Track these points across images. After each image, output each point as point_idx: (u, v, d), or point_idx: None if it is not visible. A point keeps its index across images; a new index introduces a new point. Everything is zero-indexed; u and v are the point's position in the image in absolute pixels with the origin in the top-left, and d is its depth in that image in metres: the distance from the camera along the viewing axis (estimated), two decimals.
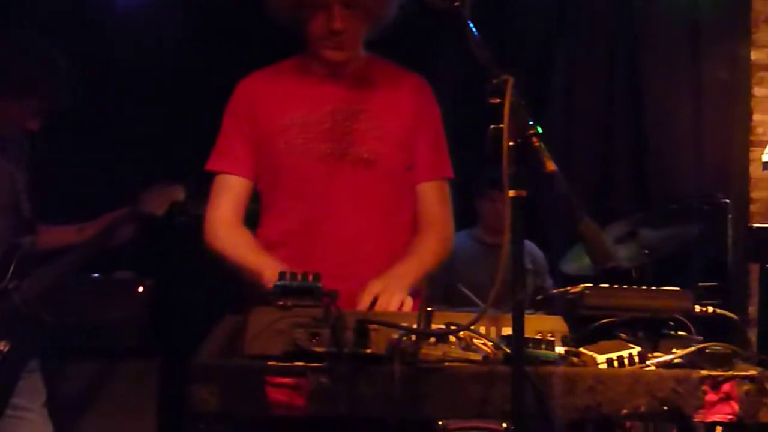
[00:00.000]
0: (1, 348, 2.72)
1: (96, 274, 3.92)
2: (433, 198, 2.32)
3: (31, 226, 3.01)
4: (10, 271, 2.88)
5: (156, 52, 4.36)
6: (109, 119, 4.28)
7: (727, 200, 4.71)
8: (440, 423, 2.78)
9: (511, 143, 1.44)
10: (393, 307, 1.99)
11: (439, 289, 3.92)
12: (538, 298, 2.02)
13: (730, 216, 4.66)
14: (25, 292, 2.90)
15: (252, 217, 2.34)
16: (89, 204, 3.35)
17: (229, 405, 1.50)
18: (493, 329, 1.67)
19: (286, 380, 1.48)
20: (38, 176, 3.04)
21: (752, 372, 1.56)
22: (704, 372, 1.55)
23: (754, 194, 5.22)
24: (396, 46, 2.37)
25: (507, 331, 1.61)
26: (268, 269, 2.03)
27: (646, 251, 3.75)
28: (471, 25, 1.65)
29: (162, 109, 4.30)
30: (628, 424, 3.01)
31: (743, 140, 5.21)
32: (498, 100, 1.48)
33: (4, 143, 2.96)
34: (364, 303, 1.99)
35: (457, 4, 1.69)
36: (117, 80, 4.32)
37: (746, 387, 1.54)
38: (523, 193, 1.44)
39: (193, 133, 2.39)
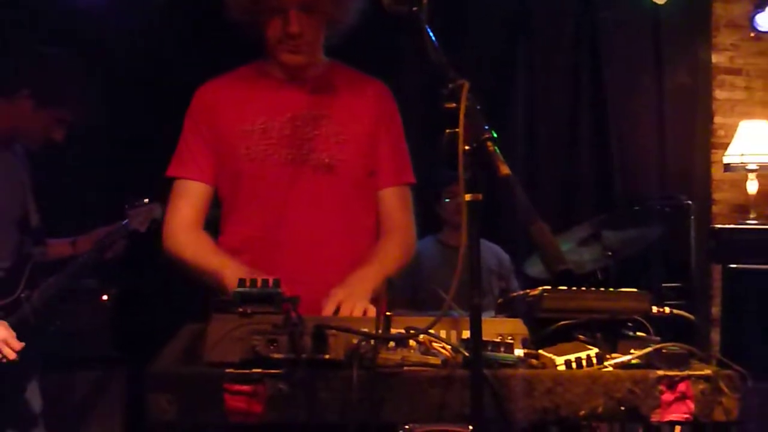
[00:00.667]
0: (17, 349, 2.72)
1: None
2: (395, 203, 2.33)
3: (41, 237, 3.07)
4: (23, 281, 2.95)
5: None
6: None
7: (690, 202, 4.78)
8: (407, 427, 2.77)
9: (466, 147, 1.44)
10: (356, 314, 1.98)
11: (406, 293, 3.93)
12: (499, 301, 2.04)
13: (692, 217, 4.73)
14: (34, 302, 2.96)
15: (214, 224, 2.33)
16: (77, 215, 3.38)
17: (188, 413, 1.49)
18: (453, 333, 1.68)
19: (244, 387, 1.47)
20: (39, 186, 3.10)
21: (707, 371, 1.58)
22: (660, 372, 1.57)
23: (716, 196, 5.30)
24: (360, 52, 2.37)
25: (467, 334, 1.62)
26: (227, 268, 2.04)
27: (610, 253, 3.79)
28: (428, 29, 1.65)
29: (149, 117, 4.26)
30: (594, 424, 3.03)
31: (705, 143, 5.30)
32: (453, 105, 1.48)
33: (15, 154, 3.01)
34: (327, 311, 1.98)
35: (415, 8, 1.69)
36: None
37: (701, 386, 1.56)
38: (479, 196, 1.44)
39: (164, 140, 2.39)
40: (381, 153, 2.31)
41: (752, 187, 4.87)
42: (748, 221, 4.74)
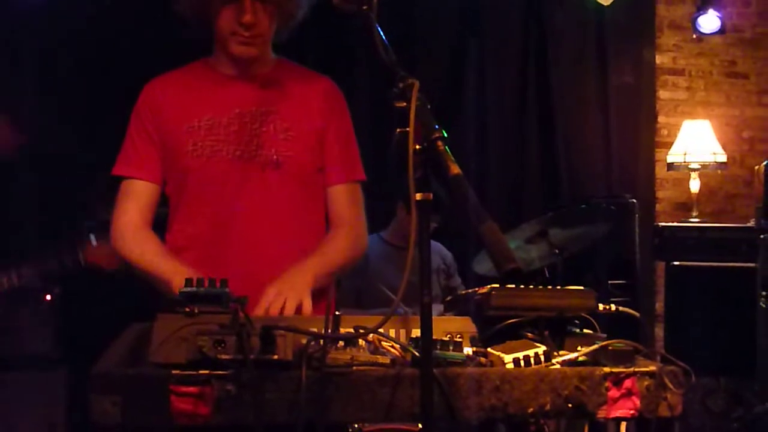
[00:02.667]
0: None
1: None
2: (344, 200, 2.31)
3: None
4: None
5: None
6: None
7: (634, 200, 4.87)
8: (356, 426, 2.77)
9: (416, 147, 1.44)
10: (288, 311, 1.96)
11: (352, 292, 3.92)
12: (447, 299, 2.04)
13: (636, 215, 4.81)
14: None
15: (163, 222, 2.30)
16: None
17: (133, 415, 1.46)
18: (402, 332, 1.68)
19: (191, 389, 1.45)
20: None
21: (652, 368, 1.61)
22: (606, 369, 1.59)
23: (660, 194, 5.41)
24: (308, 51, 2.36)
25: (416, 333, 1.62)
26: (177, 275, 1.98)
27: (557, 250, 3.83)
28: (378, 28, 1.65)
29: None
30: (541, 421, 3.07)
31: (649, 142, 5.40)
32: (404, 104, 1.47)
33: None
34: (260, 310, 1.95)
35: (365, 7, 1.69)
36: None
37: (646, 382, 1.59)
38: (429, 196, 1.44)
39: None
40: (330, 150, 2.29)
41: (695, 185, 4.97)
42: (691, 219, 4.84)
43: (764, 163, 3.92)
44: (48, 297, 3.84)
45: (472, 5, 4.99)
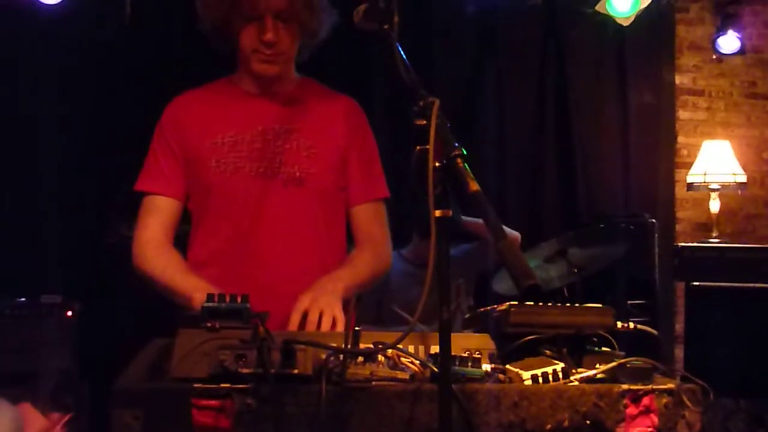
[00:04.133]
0: None
1: (23, 299, 3.83)
2: (368, 218, 2.32)
3: None
4: None
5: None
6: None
7: (654, 220, 4.85)
8: None
9: (436, 164, 1.45)
10: (325, 325, 1.97)
11: (372, 309, 3.93)
12: (467, 316, 2.05)
13: (656, 235, 4.80)
14: None
15: (184, 240, 2.32)
16: None
17: (154, 429, 1.47)
18: (421, 348, 1.69)
19: (212, 402, 1.46)
20: None
21: (670, 385, 1.60)
22: (625, 386, 1.59)
23: (680, 214, 5.39)
24: (332, 70, 2.38)
25: (435, 349, 1.63)
26: (197, 291, 1.99)
27: (576, 270, 3.83)
28: (399, 47, 1.67)
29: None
30: None
31: (669, 162, 5.39)
32: (424, 122, 1.49)
33: None
34: (293, 322, 1.97)
35: (386, 26, 1.71)
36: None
37: (665, 400, 1.58)
38: (449, 213, 1.45)
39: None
40: (353, 169, 2.31)
41: (714, 206, 4.96)
42: (711, 239, 4.82)
43: None
44: (69, 313, 3.87)
45: (490, 24, 5.02)
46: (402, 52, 1.65)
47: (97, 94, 4.33)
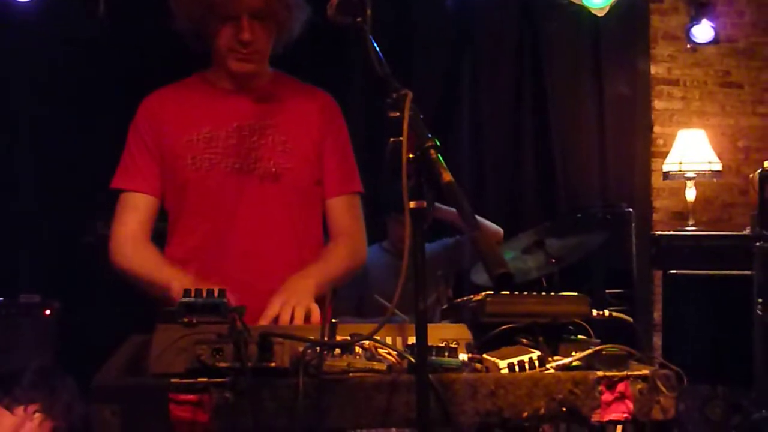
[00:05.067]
0: None
1: (1, 298, 3.81)
2: (343, 212, 2.33)
3: None
4: None
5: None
6: None
7: (630, 209, 4.89)
8: None
9: (410, 156, 1.46)
10: (298, 319, 1.97)
11: (352, 301, 3.93)
12: (444, 307, 2.06)
13: (633, 224, 4.83)
14: None
15: (161, 237, 2.31)
16: None
17: (132, 425, 1.47)
18: (399, 339, 1.70)
19: (190, 397, 1.46)
20: None
21: (645, 371, 1.62)
22: (600, 373, 1.61)
23: (656, 203, 5.43)
24: (306, 64, 2.38)
25: (412, 340, 1.64)
26: (175, 281, 2.00)
27: (553, 260, 3.85)
28: (372, 40, 1.67)
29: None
30: (538, 426, 3.08)
31: (645, 151, 5.43)
32: (397, 114, 1.50)
33: None
34: (266, 320, 1.97)
35: (359, 19, 1.72)
36: None
37: (639, 386, 1.60)
38: (423, 204, 1.46)
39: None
40: (328, 162, 2.32)
41: (690, 194, 5.00)
42: (687, 228, 4.87)
43: (759, 171, 3.94)
44: (48, 312, 3.85)
45: (467, 15, 5.02)
46: (375, 45, 1.65)
47: (73, 91, 4.30)
